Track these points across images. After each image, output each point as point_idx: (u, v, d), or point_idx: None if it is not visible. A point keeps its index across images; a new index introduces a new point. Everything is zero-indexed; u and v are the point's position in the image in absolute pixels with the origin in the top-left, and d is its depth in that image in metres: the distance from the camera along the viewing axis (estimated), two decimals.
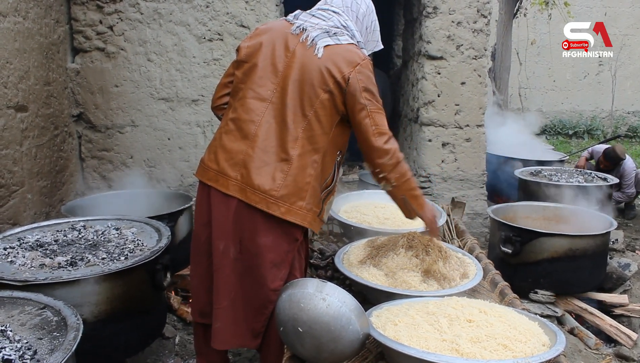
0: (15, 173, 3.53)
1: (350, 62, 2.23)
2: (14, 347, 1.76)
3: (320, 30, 2.28)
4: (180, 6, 4.62)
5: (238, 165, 2.26)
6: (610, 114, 12.68)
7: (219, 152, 2.33)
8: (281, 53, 2.29)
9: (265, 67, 2.30)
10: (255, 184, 2.22)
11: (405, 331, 1.90)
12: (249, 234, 2.28)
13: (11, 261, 2.52)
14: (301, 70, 2.24)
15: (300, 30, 2.30)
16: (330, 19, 2.34)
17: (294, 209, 2.25)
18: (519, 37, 11.77)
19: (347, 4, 2.38)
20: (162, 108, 4.77)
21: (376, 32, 2.49)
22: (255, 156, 2.24)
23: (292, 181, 2.23)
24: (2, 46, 3.38)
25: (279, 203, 2.22)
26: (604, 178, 5.42)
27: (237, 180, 2.25)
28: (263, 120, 2.26)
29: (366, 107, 2.24)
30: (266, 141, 2.25)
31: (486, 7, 4.96)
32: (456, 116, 5.06)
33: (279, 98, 2.27)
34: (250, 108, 2.29)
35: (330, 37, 2.26)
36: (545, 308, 3.91)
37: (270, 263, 2.29)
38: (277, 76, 2.28)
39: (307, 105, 2.24)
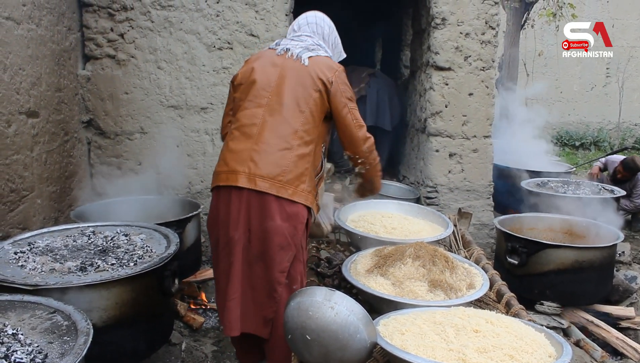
0: (25, 178, 3.57)
1: (330, 68, 2.71)
2: (25, 350, 1.78)
3: (301, 48, 2.75)
4: (191, 15, 4.67)
5: (246, 160, 2.58)
6: (618, 125, 12.67)
7: (226, 156, 2.67)
8: (270, 69, 2.72)
9: (260, 81, 2.70)
10: (264, 172, 2.54)
11: (413, 340, 1.91)
12: (256, 221, 2.56)
13: (22, 266, 2.54)
14: (293, 76, 2.67)
15: (284, 50, 2.76)
16: (305, 41, 2.81)
17: (298, 192, 2.58)
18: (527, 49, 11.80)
19: (313, 29, 2.87)
20: (171, 116, 4.81)
21: (339, 45, 2.99)
22: (260, 149, 2.58)
23: (294, 167, 2.58)
24: (15, 53, 3.43)
25: (286, 186, 2.56)
26: (610, 190, 5.42)
27: (246, 173, 2.56)
28: (262, 121, 2.63)
29: (347, 105, 2.72)
30: (268, 136, 2.60)
31: (494, 19, 4.99)
32: (463, 127, 5.08)
33: (275, 101, 2.65)
34: (250, 115, 2.66)
35: (310, 52, 2.74)
36: (551, 320, 3.91)
37: (277, 246, 2.55)
38: (271, 85, 2.68)
39: (302, 103, 2.64)
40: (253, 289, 2.60)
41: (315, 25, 2.88)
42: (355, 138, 2.77)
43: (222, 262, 2.67)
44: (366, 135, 2.81)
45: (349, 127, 2.74)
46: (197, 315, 3.87)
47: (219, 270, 2.70)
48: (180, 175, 4.85)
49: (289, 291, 2.56)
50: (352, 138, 2.77)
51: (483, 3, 4.94)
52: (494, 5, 4.96)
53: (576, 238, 4.25)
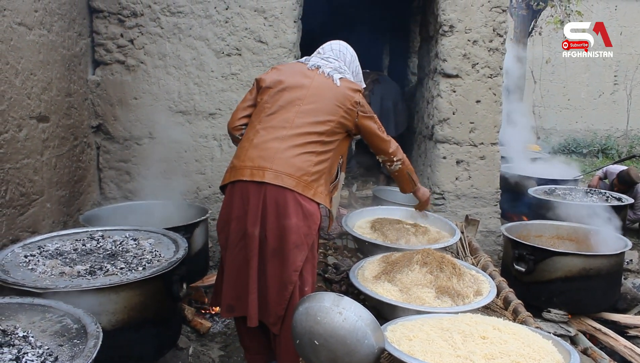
0: (35, 182, 3.60)
1: (356, 90, 2.93)
2: (36, 352, 1.80)
3: (331, 68, 2.96)
4: (200, 21, 4.70)
5: (272, 158, 2.69)
6: (625, 133, 12.63)
7: (251, 151, 2.76)
8: (302, 80, 2.90)
9: (290, 89, 2.87)
10: (290, 171, 2.67)
11: (420, 346, 1.92)
12: (273, 217, 2.66)
13: (32, 269, 2.57)
14: (325, 92, 2.86)
15: (316, 67, 2.97)
16: (333, 63, 3.01)
17: (319, 193, 2.74)
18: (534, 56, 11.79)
19: (337, 55, 3.09)
20: (179, 121, 4.84)
21: (359, 75, 3.19)
22: (288, 151, 2.71)
23: (316, 171, 2.74)
24: (27, 58, 3.47)
25: (310, 186, 2.70)
26: (618, 197, 5.41)
27: (272, 169, 2.67)
28: (293, 125, 2.77)
29: (372, 118, 2.98)
30: (296, 140, 2.74)
31: (502, 26, 4.99)
32: (471, 134, 5.09)
33: (305, 110, 2.81)
34: (280, 119, 2.80)
35: (340, 74, 2.96)
36: (559, 328, 3.89)
37: (293, 244, 2.65)
38: (303, 94, 2.85)
39: (330, 116, 2.82)
40: (266, 286, 2.70)
41: (339, 52, 3.11)
42: (384, 140, 3.06)
43: (234, 256, 2.77)
44: (390, 138, 3.11)
45: (375, 134, 3.01)
46: (205, 320, 3.88)
47: (230, 265, 2.79)
48: (188, 180, 4.87)
49: (300, 292, 2.67)
50: (381, 142, 3.06)
51: (491, 10, 4.95)
52: (501, 12, 4.97)
53: (584, 246, 4.24)
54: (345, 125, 2.87)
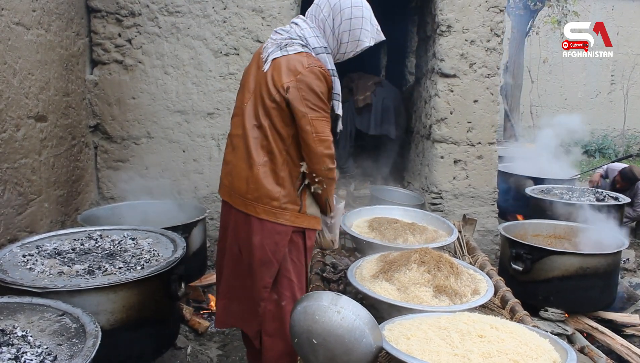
0: (33, 181, 3.60)
1: (291, 71, 2.34)
2: (35, 352, 1.80)
3: (274, 45, 2.43)
4: (198, 21, 4.71)
5: (228, 174, 2.57)
6: (622, 133, 12.66)
7: (223, 166, 2.65)
8: (254, 71, 2.52)
9: (244, 86, 2.55)
10: (236, 189, 2.50)
11: (418, 345, 1.92)
12: (244, 235, 2.52)
13: (30, 268, 2.57)
14: (259, 85, 2.45)
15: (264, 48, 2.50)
16: (288, 32, 2.45)
17: (269, 209, 2.43)
18: (531, 55, 11.82)
19: (312, 11, 2.49)
20: (177, 121, 4.84)
21: (353, 32, 2.45)
22: (237, 164, 2.50)
23: (261, 185, 2.42)
24: (25, 58, 3.47)
25: (254, 204, 2.44)
26: (615, 197, 5.42)
27: (227, 186, 2.57)
28: (241, 132, 2.49)
29: (307, 115, 2.35)
30: (243, 150, 2.48)
31: (499, 26, 5.01)
32: (468, 134, 5.10)
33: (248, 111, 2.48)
34: (236, 124, 2.56)
35: (280, 50, 2.40)
36: (556, 326, 3.90)
37: (259, 261, 2.49)
38: (250, 91, 2.51)
39: (261, 115, 2.42)
40: (245, 300, 2.61)
41: (315, 7, 2.50)
42: (313, 153, 2.39)
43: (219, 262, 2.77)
44: (326, 151, 2.40)
45: (306, 141, 2.38)
46: (203, 319, 3.89)
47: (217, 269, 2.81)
48: (186, 180, 4.88)
49: (277, 307, 2.54)
50: (309, 153, 2.41)
51: (488, 10, 4.96)
52: (499, 12, 4.99)
53: (581, 245, 4.25)
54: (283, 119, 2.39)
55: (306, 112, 2.34)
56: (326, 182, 2.49)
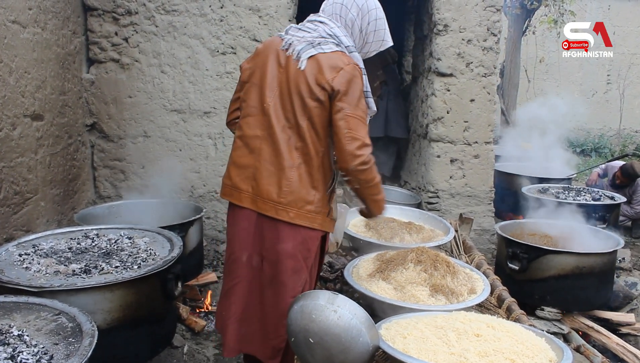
0: (29, 180, 3.59)
1: (333, 68, 2.28)
2: (31, 351, 1.79)
3: (305, 42, 2.35)
4: (195, 20, 4.70)
5: (249, 178, 2.39)
6: (618, 132, 12.69)
7: (231, 169, 2.48)
8: (274, 70, 2.39)
9: (261, 84, 2.40)
10: (264, 194, 2.34)
11: (414, 344, 1.93)
12: (269, 243, 2.37)
13: (26, 268, 2.56)
14: (290, 83, 2.33)
15: (288, 45, 2.38)
16: (315, 30, 2.39)
17: (303, 214, 2.33)
18: (528, 55, 11.84)
19: (337, 10, 2.43)
20: (174, 120, 4.84)
21: (378, 32, 2.48)
22: (262, 168, 2.36)
23: (297, 188, 2.32)
24: (21, 56, 3.46)
25: (287, 209, 2.31)
26: (611, 196, 5.43)
27: (249, 192, 2.38)
28: (266, 134, 2.37)
29: (343, 110, 2.27)
30: (270, 152, 2.36)
31: (496, 26, 5.01)
32: (465, 133, 5.10)
33: (275, 111, 2.35)
34: (253, 124, 2.41)
35: (314, 48, 2.32)
36: (552, 325, 3.92)
37: (290, 270, 2.36)
38: (272, 90, 2.37)
39: (299, 115, 2.32)
40: (264, 316, 2.44)
41: (340, 7, 2.43)
42: (343, 150, 2.29)
43: (227, 279, 2.54)
44: (357, 152, 2.28)
45: (337, 136, 2.29)
46: (199, 319, 3.88)
47: (224, 287, 2.56)
48: (183, 179, 4.87)
49: None
50: (339, 150, 2.31)
51: (485, 10, 4.97)
52: (495, 12, 4.99)
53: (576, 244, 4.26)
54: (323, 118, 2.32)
55: (343, 107, 2.27)
56: (358, 183, 2.38)
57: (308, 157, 2.34)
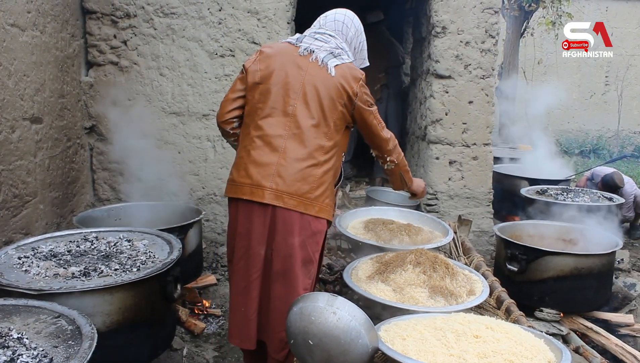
0: (28, 183, 3.59)
1: (355, 78, 2.59)
2: (31, 354, 1.80)
3: (325, 51, 2.60)
4: (194, 22, 4.71)
5: (272, 175, 2.49)
6: (617, 134, 12.71)
7: (250, 167, 2.54)
8: (295, 73, 2.56)
9: (282, 86, 2.55)
10: (291, 189, 2.47)
11: (413, 345, 1.93)
12: (280, 237, 2.49)
13: (26, 271, 2.56)
14: (320, 86, 2.54)
15: (308, 52, 2.60)
16: (329, 42, 2.65)
17: (324, 207, 2.55)
18: (526, 57, 11.85)
19: (339, 27, 2.72)
20: (173, 122, 4.84)
21: (363, 52, 2.85)
22: (288, 165, 2.49)
23: (321, 183, 2.53)
24: (20, 59, 3.46)
25: (314, 203, 2.51)
26: (609, 197, 5.44)
27: (272, 189, 2.48)
28: (290, 133, 2.52)
29: (372, 112, 2.67)
30: (296, 150, 2.51)
31: (494, 28, 5.02)
32: (463, 135, 5.11)
33: (301, 112, 2.53)
34: (275, 124, 2.54)
35: (336, 58, 2.60)
36: (551, 327, 3.92)
37: (301, 262, 2.50)
38: (296, 92, 2.54)
39: (328, 116, 2.55)
40: (272, 309, 2.54)
41: (342, 25, 2.73)
42: (382, 138, 2.77)
43: (244, 274, 2.60)
44: (389, 134, 2.81)
45: (375, 131, 2.73)
46: (199, 321, 3.88)
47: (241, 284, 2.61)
48: (182, 181, 4.87)
49: None
50: (379, 139, 2.77)
51: (483, 12, 4.97)
52: (493, 14, 5.00)
53: (575, 245, 4.27)
54: (345, 120, 2.63)
55: (371, 110, 2.66)
56: (395, 159, 2.86)
57: (329, 155, 2.56)
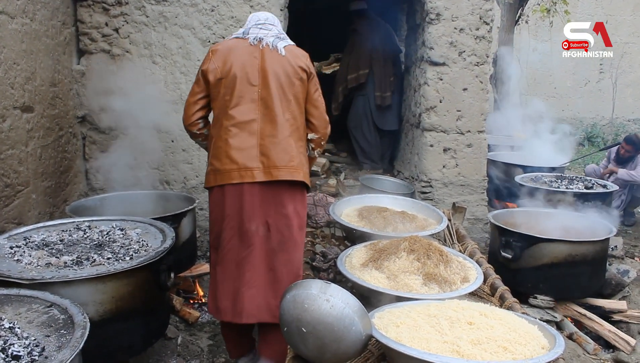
0: (20, 173, 3.56)
1: (303, 55, 2.92)
2: (22, 343, 1.79)
3: (273, 37, 2.87)
4: (186, 10, 4.67)
5: (256, 156, 2.75)
6: (611, 121, 12.72)
7: (232, 153, 2.76)
8: (251, 61, 2.81)
9: (244, 76, 2.79)
10: (277, 163, 2.74)
11: (407, 333, 1.93)
12: (273, 210, 2.77)
13: (18, 260, 2.55)
14: (275, 67, 2.80)
15: (258, 40, 2.85)
16: (272, 29, 2.92)
17: (304, 173, 2.84)
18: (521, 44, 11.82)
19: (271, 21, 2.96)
20: (166, 110, 4.80)
21: None
22: (268, 143, 2.76)
23: (297, 152, 2.82)
24: (9, 47, 3.42)
25: (297, 170, 2.79)
26: (603, 185, 5.45)
27: (260, 168, 2.74)
28: (260, 115, 2.78)
29: (319, 89, 2.94)
30: (270, 129, 2.77)
31: (488, 14, 5.00)
32: (458, 122, 5.10)
33: (265, 94, 2.78)
34: (246, 110, 2.78)
35: (282, 40, 2.89)
36: (545, 313, 3.94)
37: (297, 227, 2.82)
38: (256, 78, 2.80)
39: (287, 91, 2.81)
40: (280, 278, 2.77)
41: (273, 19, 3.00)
42: (324, 119, 2.96)
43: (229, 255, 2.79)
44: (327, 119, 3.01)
45: (319, 110, 2.93)
46: (193, 310, 3.88)
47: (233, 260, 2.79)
48: (175, 170, 4.85)
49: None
50: (322, 120, 2.95)
51: None
52: (488, 0, 4.98)
53: (569, 232, 4.28)
54: (303, 95, 2.87)
55: (317, 87, 2.93)
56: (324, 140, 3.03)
57: (295, 126, 2.84)
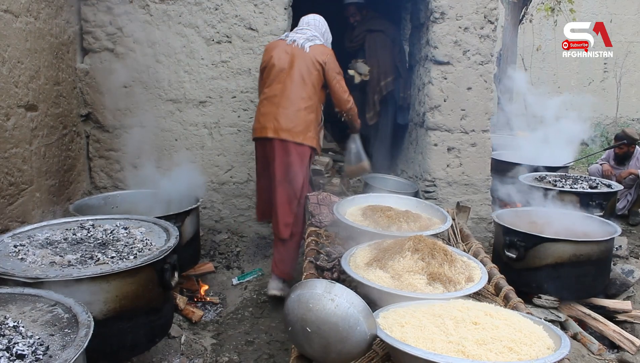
0: (24, 171, 3.57)
1: (323, 52, 4.05)
2: (27, 342, 1.79)
3: (304, 39, 4.05)
4: (190, 8, 4.66)
5: (272, 120, 3.93)
6: (615, 121, 12.68)
7: (259, 117, 4.03)
8: (284, 56, 4.02)
9: (278, 65, 4.00)
10: (284, 127, 3.90)
11: (412, 332, 1.92)
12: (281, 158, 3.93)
13: (22, 259, 2.55)
14: (300, 61, 3.97)
15: (292, 41, 4.05)
16: (306, 33, 4.11)
17: (308, 137, 3.96)
18: (525, 43, 11.79)
19: (314, 24, 4.21)
20: (169, 109, 4.81)
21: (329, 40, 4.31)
22: (280, 112, 3.92)
23: (303, 121, 3.94)
24: (13, 46, 3.42)
25: (299, 134, 3.92)
26: (608, 184, 5.43)
27: (272, 128, 3.92)
28: (281, 92, 3.93)
29: (336, 78, 4.08)
30: (285, 102, 3.92)
31: (493, 13, 4.98)
32: (462, 121, 5.08)
33: (288, 78, 3.95)
34: (274, 89, 3.98)
35: (310, 41, 4.05)
36: (549, 313, 3.92)
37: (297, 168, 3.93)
38: (285, 68, 3.98)
39: (307, 78, 3.97)
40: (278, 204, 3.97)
41: (315, 22, 4.21)
42: (344, 100, 4.17)
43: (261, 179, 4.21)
44: (349, 98, 4.20)
45: (339, 93, 4.12)
46: (196, 309, 3.88)
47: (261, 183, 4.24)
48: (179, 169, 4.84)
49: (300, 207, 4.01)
50: (341, 100, 4.17)
51: None
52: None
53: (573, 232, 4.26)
54: (318, 81, 4.00)
55: (334, 76, 4.07)
56: (351, 114, 4.31)
57: (309, 104, 3.97)
